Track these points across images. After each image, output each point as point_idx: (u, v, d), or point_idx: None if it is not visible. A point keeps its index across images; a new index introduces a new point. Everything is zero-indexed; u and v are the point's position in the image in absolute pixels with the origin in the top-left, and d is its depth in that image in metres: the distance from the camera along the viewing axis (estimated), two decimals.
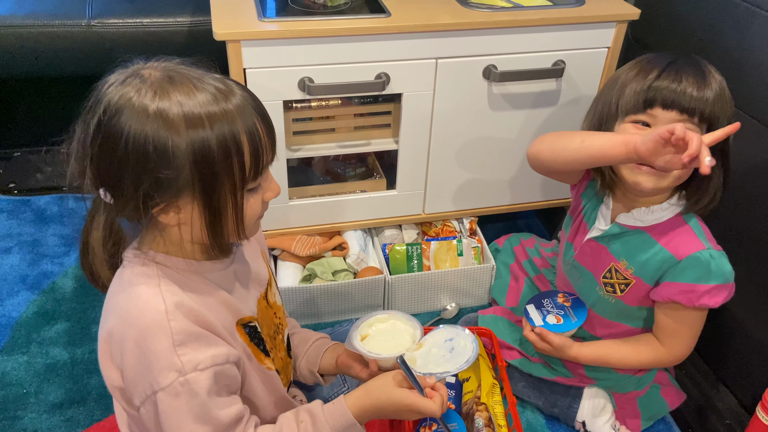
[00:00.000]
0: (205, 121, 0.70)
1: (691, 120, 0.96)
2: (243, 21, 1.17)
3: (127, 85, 0.71)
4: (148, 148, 0.69)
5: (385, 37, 1.21)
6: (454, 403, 1.18)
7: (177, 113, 0.70)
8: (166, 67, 0.74)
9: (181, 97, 0.70)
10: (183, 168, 0.70)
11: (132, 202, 0.72)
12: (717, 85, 0.97)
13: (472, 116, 1.36)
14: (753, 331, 1.23)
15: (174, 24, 1.57)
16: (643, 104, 0.99)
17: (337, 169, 1.54)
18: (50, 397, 1.25)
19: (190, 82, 0.72)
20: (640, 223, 1.07)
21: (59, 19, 1.54)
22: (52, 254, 1.58)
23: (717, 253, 1.03)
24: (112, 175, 0.72)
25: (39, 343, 1.36)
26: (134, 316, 0.75)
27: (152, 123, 0.69)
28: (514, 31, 1.27)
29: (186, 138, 0.70)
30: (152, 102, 0.70)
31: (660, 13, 1.40)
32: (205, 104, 0.71)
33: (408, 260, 1.45)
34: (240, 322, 0.86)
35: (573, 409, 1.20)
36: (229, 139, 0.72)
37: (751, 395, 1.23)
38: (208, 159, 0.71)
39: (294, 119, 1.32)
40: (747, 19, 1.16)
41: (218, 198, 0.74)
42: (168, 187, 0.71)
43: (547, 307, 1.19)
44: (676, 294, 1.04)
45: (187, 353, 0.74)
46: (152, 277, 0.77)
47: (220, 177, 0.73)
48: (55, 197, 1.75)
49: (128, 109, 0.69)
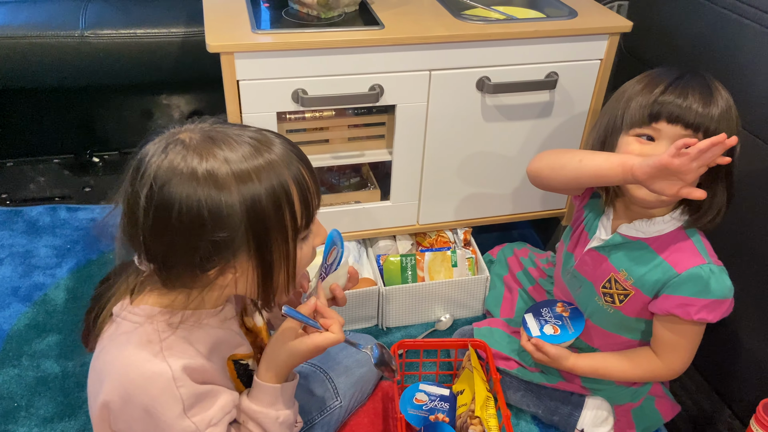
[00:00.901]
0: (252, 175, 0.70)
1: (695, 136, 0.97)
2: (236, 33, 1.17)
3: (170, 152, 0.70)
4: (202, 212, 0.69)
5: (379, 49, 1.21)
6: (448, 416, 1.17)
7: (226, 172, 0.69)
8: (203, 128, 0.74)
9: (226, 154, 0.70)
10: (238, 227, 0.70)
11: (188, 269, 0.72)
12: (723, 102, 0.98)
13: (466, 127, 1.36)
14: (748, 343, 1.23)
15: (168, 35, 1.57)
16: (648, 118, 0.99)
17: (332, 179, 1.54)
18: (41, 410, 1.24)
19: (231, 138, 0.72)
20: (642, 235, 1.07)
21: (53, 30, 1.54)
22: (44, 266, 1.57)
23: (717, 268, 1.03)
24: (166, 245, 0.71)
25: (30, 356, 1.34)
26: (141, 387, 0.74)
27: (203, 186, 0.69)
28: (507, 43, 1.27)
29: (238, 195, 0.69)
30: (200, 165, 0.69)
31: (652, 26, 1.41)
32: (249, 158, 0.71)
33: (402, 271, 1.45)
34: (232, 358, 0.86)
35: (574, 417, 1.20)
36: (279, 190, 0.72)
37: (746, 407, 1.23)
38: (261, 213, 0.71)
39: (288, 130, 1.32)
40: (738, 32, 1.17)
41: (271, 251, 0.73)
42: (225, 248, 0.71)
43: (545, 316, 1.19)
44: (674, 307, 1.04)
45: (198, 413, 0.76)
46: (153, 342, 0.76)
47: (274, 230, 0.72)
48: (47, 208, 1.74)
49: (177, 176, 0.69)
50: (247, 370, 0.89)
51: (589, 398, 1.21)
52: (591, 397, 1.21)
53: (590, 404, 1.20)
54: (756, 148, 1.15)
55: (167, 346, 0.76)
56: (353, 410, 1.22)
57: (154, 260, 0.73)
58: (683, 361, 1.10)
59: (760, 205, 1.17)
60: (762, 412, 1.05)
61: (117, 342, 0.77)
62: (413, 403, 1.19)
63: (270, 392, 0.86)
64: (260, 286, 0.76)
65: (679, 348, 1.08)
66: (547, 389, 1.23)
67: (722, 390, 1.32)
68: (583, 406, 1.21)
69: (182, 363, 0.75)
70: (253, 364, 0.91)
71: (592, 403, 1.20)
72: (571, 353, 1.15)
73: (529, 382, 1.24)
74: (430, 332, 1.46)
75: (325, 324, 0.87)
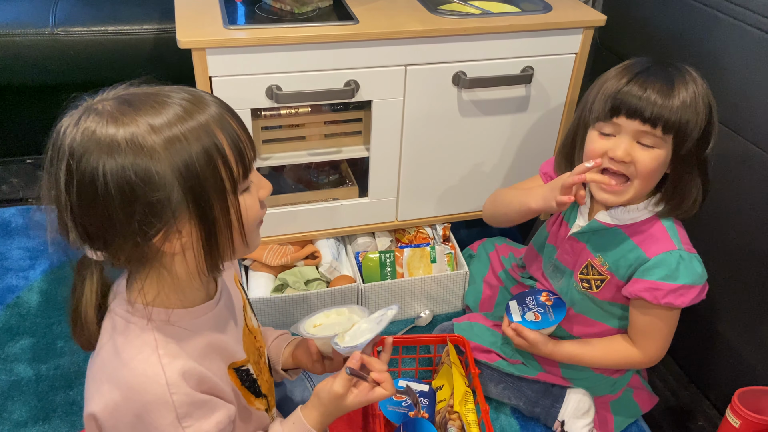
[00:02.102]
0: (181, 137, 0.67)
1: (653, 130, 0.97)
2: (208, 29, 1.16)
3: (83, 123, 0.66)
4: (130, 179, 0.65)
5: (354, 44, 1.20)
6: (427, 411, 1.17)
7: (150, 137, 0.65)
8: (117, 93, 0.70)
9: (149, 119, 0.66)
10: (172, 188, 0.67)
11: (129, 239, 0.68)
12: (687, 94, 0.97)
13: (443, 123, 1.36)
14: (725, 334, 1.24)
15: (140, 32, 1.55)
16: (609, 112, 1.00)
17: (310, 176, 1.53)
18: (14, 415, 1.22)
19: (153, 101, 0.68)
20: (617, 222, 1.09)
21: (22, 28, 1.51)
22: (17, 268, 1.54)
23: (688, 254, 1.04)
24: (99, 218, 0.67)
25: (3, 360, 1.32)
26: (135, 391, 0.71)
27: (126, 154, 0.65)
28: (482, 38, 1.27)
29: (167, 159, 0.66)
30: (118, 132, 0.65)
31: (626, 19, 1.42)
32: (176, 120, 0.67)
33: (381, 268, 1.44)
34: (232, 366, 0.84)
35: (555, 408, 1.20)
36: (210, 148, 0.68)
37: (723, 396, 1.24)
38: (195, 173, 0.67)
39: (263, 127, 1.30)
40: (710, 24, 1.18)
41: (212, 208, 0.70)
42: (162, 211, 0.67)
43: (528, 304, 1.21)
44: (642, 291, 1.05)
45: (192, 424, 0.73)
46: (149, 343, 0.73)
47: (210, 187, 0.69)
48: (20, 209, 1.71)
49: (95, 146, 0.65)
50: (249, 375, 0.88)
51: (570, 390, 1.21)
52: (572, 388, 1.21)
53: (572, 395, 1.21)
54: (728, 138, 1.16)
55: (163, 345, 0.74)
56: None
57: (93, 241, 0.69)
58: (658, 347, 1.11)
59: (733, 195, 1.18)
60: (737, 401, 1.06)
61: (115, 344, 0.74)
62: (392, 399, 1.19)
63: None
64: (205, 246, 0.72)
65: (652, 333, 1.09)
66: (528, 381, 1.23)
67: (699, 380, 1.33)
68: (563, 397, 1.22)
69: (180, 368, 0.73)
70: (253, 368, 0.90)
71: (573, 395, 1.21)
72: (549, 339, 1.16)
73: (510, 375, 1.24)
74: (409, 328, 1.45)
75: (377, 379, 0.87)
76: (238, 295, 0.93)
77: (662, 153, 0.99)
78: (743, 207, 1.16)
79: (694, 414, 1.30)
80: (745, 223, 1.16)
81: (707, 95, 1.00)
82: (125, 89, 0.71)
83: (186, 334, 0.77)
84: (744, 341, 1.20)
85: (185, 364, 0.74)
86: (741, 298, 1.19)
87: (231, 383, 0.83)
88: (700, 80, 1.00)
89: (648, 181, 1.02)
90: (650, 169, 1.00)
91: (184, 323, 0.77)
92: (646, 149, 0.99)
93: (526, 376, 1.23)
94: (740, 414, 1.06)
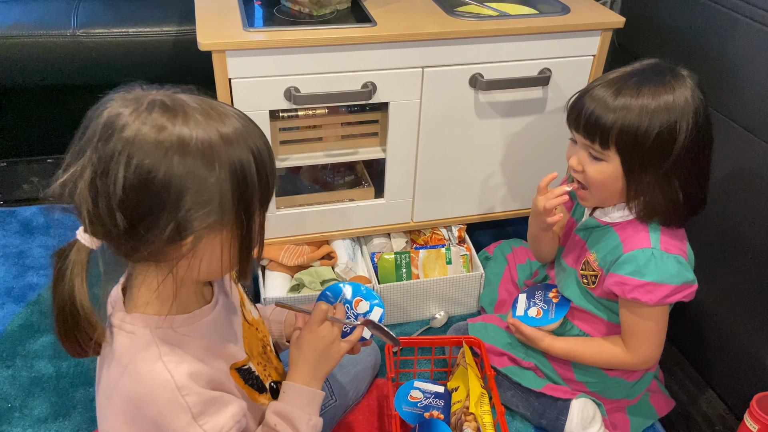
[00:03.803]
0: (243, 146, 0.70)
1: (592, 144, 1.03)
2: (228, 31, 1.17)
3: (150, 116, 0.66)
4: (190, 177, 0.66)
5: (372, 46, 1.21)
6: (442, 413, 1.17)
7: (216, 142, 0.68)
8: (172, 95, 0.70)
9: (216, 125, 0.69)
10: (226, 190, 0.69)
11: (165, 234, 0.68)
12: (636, 103, 0.98)
13: (459, 124, 1.36)
14: (742, 337, 1.23)
15: (160, 33, 1.56)
16: (567, 121, 1.07)
17: (326, 177, 1.54)
18: (35, 411, 1.24)
19: (211, 108, 0.71)
20: (609, 220, 1.12)
21: (44, 29, 1.53)
22: (38, 266, 1.56)
23: (662, 253, 1.04)
24: (142, 213, 0.67)
25: (24, 357, 1.34)
26: (147, 400, 0.72)
27: (195, 156, 0.66)
28: (500, 40, 1.27)
29: (227, 163, 0.68)
30: (191, 132, 0.67)
31: (644, 21, 1.41)
32: (239, 130, 0.70)
33: (397, 269, 1.45)
34: (234, 366, 0.85)
35: (561, 421, 1.19)
36: (262, 159, 0.72)
37: (741, 401, 1.23)
38: (245, 179, 0.70)
39: (281, 128, 1.31)
40: (729, 25, 1.17)
41: (252, 219, 0.73)
42: (210, 211, 0.69)
43: (536, 298, 1.24)
44: (613, 284, 1.07)
45: (209, 421, 0.75)
46: (151, 350, 0.74)
47: (255, 198, 0.72)
48: (41, 208, 1.74)
49: (165, 140, 0.65)
50: (251, 374, 0.89)
51: (573, 401, 1.20)
52: (575, 399, 1.20)
53: (574, 407, 1.19)
54: (750, 143, 1.15)
55: (165, 351, 0.74)
56: (349, 408, 1.22)
57: (119, 229, 0.67)
58: (647, 348, 1.11)
59: (751, 198, 1.17)
60: (756, 406, 1.06)
61: (118, 357, 0.75)
62: (408, 400, 1.19)
63: (305, 394, 0.88)
64: (241, 252, 0.75)
65: (638, 332, 1.10)
66: (535, 392, 1.23)
67: (717, 385, 1.32)
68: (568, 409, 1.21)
69: (186, 370, 0.74)
70: (258, 360, 0.91)
71: (576, 404, 1.20)
72: (546, 335, 1.19)
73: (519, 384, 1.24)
74: (425, 330, 1.46)
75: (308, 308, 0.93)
76: (234, 291, 0.94)
77: (609, 166, 1.03)
78: (760, 210, 1.15)
79: (711, 419, 1.29)
80: (764, 227, 1.15)
81: (667, 105, 0.97)
82: (174, 92, 0.71)
83: (187, 339, 0.78)
84: (762, 345, 1.19)
85: (191, 366, 0.75)
86: (760, 302, 1.18)
87: (234, 383, 0.85)
88: (684, 90, 0.98)
89: (602, 191, 1.07)
90: (598, 180, 1.05)
91: (184, 329, 0.78)
92: (594, 161, 1.04)
93: (533, 389, 1.22)
94: (759, 419, 1.05)
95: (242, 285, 0.96)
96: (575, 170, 1.08)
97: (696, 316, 1.10)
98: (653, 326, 1.09)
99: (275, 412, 0.88)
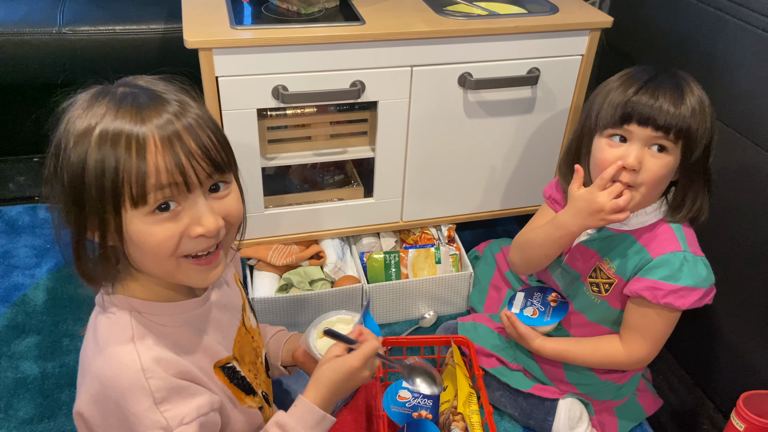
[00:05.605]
0: (101, 139, 0.69)
1: (666, 137, 0.98)
2: (215, 29, 1.16)
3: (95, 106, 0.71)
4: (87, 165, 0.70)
5: (360, 45, 1.20)
6: (431, 413, 1.17)
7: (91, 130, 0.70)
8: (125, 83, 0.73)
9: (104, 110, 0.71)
10: (90, 183, 0.69)
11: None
12: (695, 101, 0.99)
13: (448, 124, 1.36)
14: (730, 336, 1.24)
15: (147, 31, 1.55)
16: (620, 119, 1.00)
17: (315, 177, 1.53)
18: (20, 412, 1.22)
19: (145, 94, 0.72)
20: (626, 227, 1.09)
21: (30, 27, 1.52)
22: (23, 266, 1.55)
23: (693, 256, 1.04)
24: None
25: (9, 357, 1.33)
26: (112, 379, 0.72)
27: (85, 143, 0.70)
28: (488, 39, 1.27)
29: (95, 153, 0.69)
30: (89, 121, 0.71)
31: (633, 21, 1.41)
32: (115, 117, 0.70)
33: (386, 268, 1.44)
34: (217, 365, 0.84)
35: (548, 422, 1.19)
36: (114, 159, 0.68)
37: (728, 400, 1.24)
38: (83, 177, 0.70)
39: (269, 127, 1.31)
40: (717, 26, 1.18)
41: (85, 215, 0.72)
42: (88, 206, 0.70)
43: (534, 299, 1.23)
44: (643, 289, 1.05)
45: (171, 409, 0.73)
46: (125, 331, 0.74)
47: (92, 195, 0.70)
48: (26, 207, 1.72)
49: (79, 131, 0.71)
50: (237, 373, 0.87)
51: (560, 401, 1.20)
52: (561, 399, 1.20)
53: (561, 407, 1.20)
54: (735, 141, 1.15)
55: (140, 335, 0.74)
56: (338, 408, 1.22)
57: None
58: (646, 349, 1.10)
59: (740, 198, 1.17)
60: (742, 405, 1.06)
61: (96, 336, 0.76)
62: (396, 400, 1.19)
63: (316, 415, 0.85)
64: (75, 249, 0.73)
65: (643, 333, 1.09)
66: (523, 393, 1.23)
67: (704, 384, 1.33)
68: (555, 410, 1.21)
69: (156, 354, 0.73)
70: (249, 368, 0.90)
71: (563, 404, 1.20)
72: (538, 335, 1.18)
73: (507, 384, 1.24)
74: (414, 329, 1.45)
75: (361, 340, 0.90)
76: (237, 294, 0.93)
77: (671, 160, 1.00)
78: (750, 210, 1.16)
79: (698, 417, 1.29)
80: (751, 226, 1.16)
81: (709, 103, 1.01)
82: (135, 80, 0.74)
83: (167, 329, 0.78)
84: (749, 345, 1.20)
85: (163, 353, 0.74)
86: (747, 301, 1.19)
87: (219, 383, 0.83)
88: (699, 88, 1.01)
89: (654, 189, 1.03)
90: (659, 176, 1.00)
91: (165, 319, 0.78)
92: (656, 156, 1.00)
93: (521, 389, 1.22)
94: (745, 418, 1.05)
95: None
96: (633, 169, 0.99)
97: (684, 315, 1.10)
98: (664, 329, 1.08)
99: (277, 423, 0.86)
